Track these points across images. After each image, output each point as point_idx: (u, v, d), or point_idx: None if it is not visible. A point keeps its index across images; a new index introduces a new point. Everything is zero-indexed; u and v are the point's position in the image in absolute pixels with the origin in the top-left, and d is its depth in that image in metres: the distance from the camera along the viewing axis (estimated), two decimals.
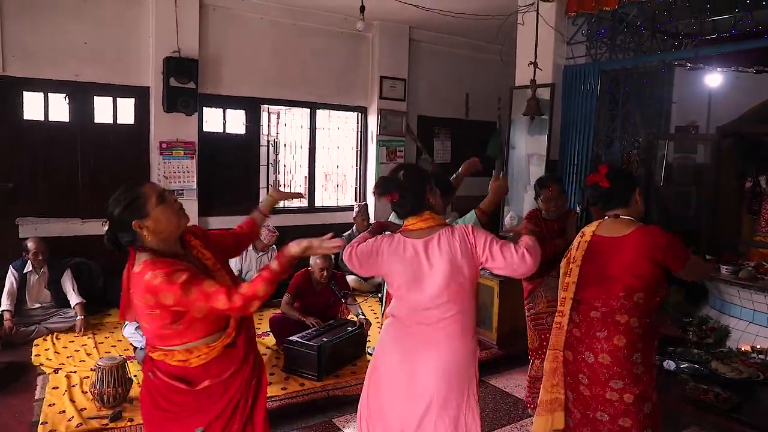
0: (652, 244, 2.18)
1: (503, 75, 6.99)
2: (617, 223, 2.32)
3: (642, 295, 2.18)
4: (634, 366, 2.16)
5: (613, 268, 2.23)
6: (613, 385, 2.16)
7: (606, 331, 2.20)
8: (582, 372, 2.25)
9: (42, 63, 5.32)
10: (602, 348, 2.19)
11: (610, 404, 2.17)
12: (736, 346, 4.59)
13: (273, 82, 6.63)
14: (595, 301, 2.26)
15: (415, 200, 2.17)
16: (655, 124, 6.62)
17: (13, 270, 4.86)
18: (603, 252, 2.28)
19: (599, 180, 2.35)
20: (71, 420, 3.34)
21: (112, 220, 1.92)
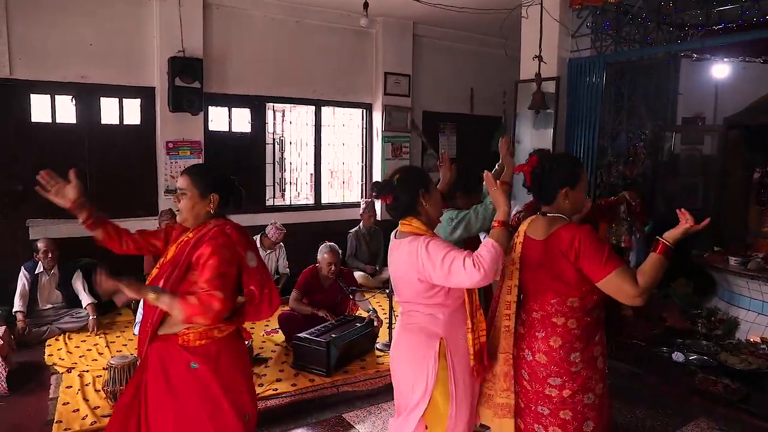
0: (567, 247, 2.05)
1: (508, 69, 6.96)
2: (543, 222, 2.20)
3: (576, 299, 2.11)
4: (571, 365, 2.13)
5: (541, 274, 2.15)
6: (551, 382, 2.15)
7: (543, 332, 2.17)
8: (523, 368, 2.24)
9: (48, 65, 5.36)
10: (539, 348, 2.17)
11: (549, 399, 2.16)
12: (745, 338, 4.59)
13: (277, 80, 6.64)
14: (533, 304, 2.21)
15: (404, 206, 2.28)
16: (661, 116, 6.60)
17: (25, 271, 4.91)
18: (532, 255, 2.18)
19: (525, 174, 2.23)
20: (85, 418, 3.38)
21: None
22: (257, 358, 4.32)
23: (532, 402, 2.22)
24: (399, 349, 2.36)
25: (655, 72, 6.24)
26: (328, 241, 4.91)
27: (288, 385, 3.93)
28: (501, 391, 2.29)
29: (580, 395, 2.14)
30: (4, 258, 5.22)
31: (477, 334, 2.26)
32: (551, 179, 2.19)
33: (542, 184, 2.21)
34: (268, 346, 4.68)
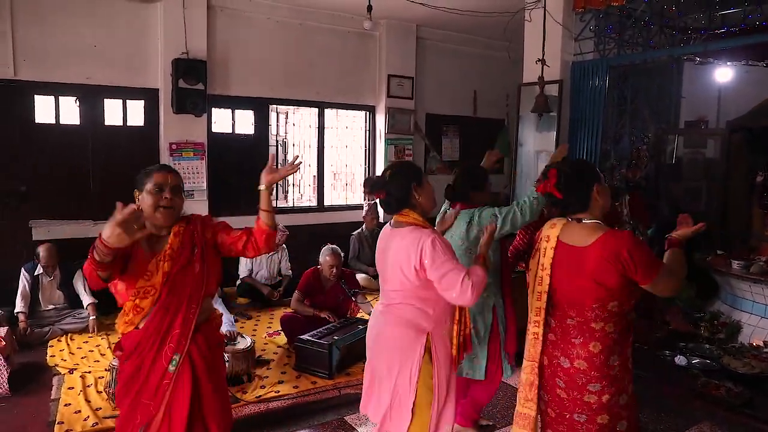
0: (614, 256, 2.04)
1: (511, 72, 6.98)
2: (580, 228, 2.17)
3: (616, 303, 2.10)
4: (610, 369, 2.12)
5: (582, 280, 2.12)
6: (590, 389, 2.12)
7: (581, 337, 2.13)
8: (558, 376, 2.19)
9: (52, 66, 5.38)
10: (578, 354, 2.13)
11: (588, 406, 2.13)
12: (748, 341, 4.57)
13: (281, 82, 6.66)
14: (569, 310, 2.17)
15: (398, 200, 2.36)
16: (664, 119, 6.60)
17: (25, 272, 4.92)
18: (570, 262, 2.16)
19: (551, 191, 2.21)
20: (87, 419, 3.39)
21: None
22: (259, 360, 4.32)
23: (567, 410, 2.17)
24: (385, 342, 2.40)
25: (657, 75, 6.24)
26: (331, 243, 4.92)
27: (290, 387, 3.92)
28: (524, 401, 2.25)
29: (616, 397, 2.13)
30: (7, 259, 5.23)
31: (462, 326, 2.33)
32: (582, 183, 2.18)
33: (576, 191, 2.18)
34: (270, 348, 4.68)
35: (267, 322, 5.38)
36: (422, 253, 2.22)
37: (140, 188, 2.27)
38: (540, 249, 2.26)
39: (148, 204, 2.23)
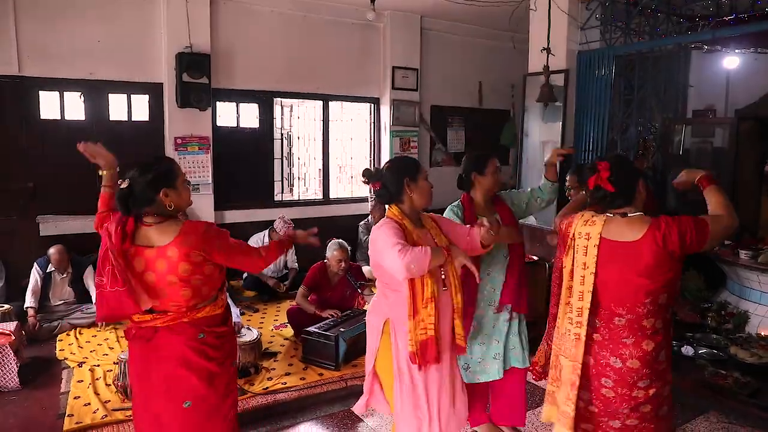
0: (668, 244, 2.04)
1: (516, 62, 6.93)
2: (626, 223, 2.14)
3: (665, 295, 2.11)
4: (660, 364, 2.14)
5: (635, 275, 2.09)
6: (640, 385, 2.13)
7: (633, 337, 2.12)
8: (605, 376, 2.18)
9: (57, 62, 5.39)
10: (631, 354, 2.12)
11: (635, 400, 2.15)
12: (756, 332, 4.55)
13: (285, 75, 6.64)
14: (617, 308, 2.15)
15: (390, 192, 2.46)
16: (671, 108, 6.54)
17: (38, 268, 4.96)
18: (618, 258, 2.13)
19: (602, 183, 2.17)
20: (96, 412, 3.42)
21: (142, 181, 2.14)
22: (266, 352, 4.35)
23: (612, 405, 2.18)
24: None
25: (664, 64, 6.18)
26: (336, 236, 4.92)
27: (297, 378, 3.94)
28: (565, 399, 2.26)
29: (661, 389, 2.16)
30: (17, 254, 5.27)
31: (419, 326, 2.29)
32: (632, 177, 2.21)
33: (626, 184, 2.18)
34: (277, 340, 4.70)
35: (273, 315, 5.40)
36: (373, 241, 2.37)
37: (172, 185, 2.20)
38: (576, 247, 2.22)
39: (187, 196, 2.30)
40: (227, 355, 2.31)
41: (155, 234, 2.13)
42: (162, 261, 2.10)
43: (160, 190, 2.14)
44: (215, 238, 2.19)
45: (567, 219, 2.35)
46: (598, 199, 2.22)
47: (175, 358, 2.19)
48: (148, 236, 2.14)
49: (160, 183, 2.15)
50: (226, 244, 2.21)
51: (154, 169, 2.17)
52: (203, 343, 2.21)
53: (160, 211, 2.17)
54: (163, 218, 2.17)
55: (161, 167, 2.21)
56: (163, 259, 2.10)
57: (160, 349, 2.19)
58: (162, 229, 2.14)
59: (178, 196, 2.19)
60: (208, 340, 2.23)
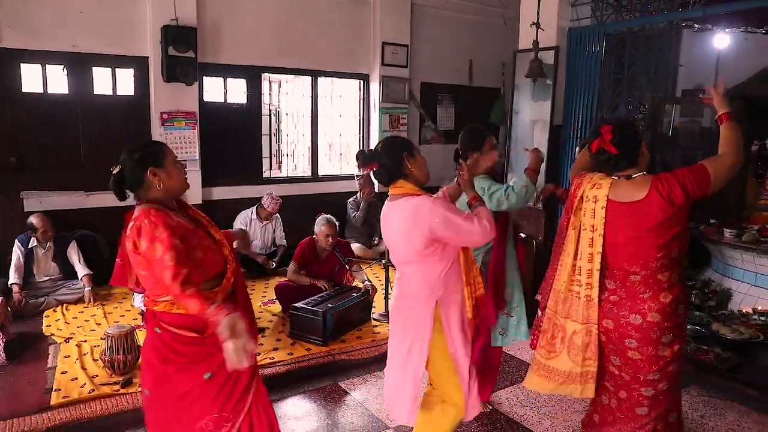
0: (672, 198, 2.11)
1: (507, 40, 6.88)
2: (631, 184, 2.21)
3: (676, 249, 2.18)
4: (679, 317, 2.20)
5: (644, 233, 2.16)
6: (664, 341, 2.19)
7: (650, 291, 2.18)
8: (629, 336, 2.22)
9: (38, 34, 5.26)
10: (650, 307, 2.17)
11: (663, 359, 2.20)
12: (738, 309, 4.63)
13: (273, 50, 6.54)
14: (631, 266, 2.21)
15: (390, 170, 2.42)
16: (661, 87, 6.53)
17: (19, 244, 4.91)
18: (626, 217, 2.19)
19: (605, 146, 2.22)
20: (84, 387, 3.42)
21: (130, 161, 2.12)
22: None
23: (641, 371, 2.22)
24: (397, 314, 2.48)
25: (655, 43, 6.15)
26: (325, 212, 4.92)
27: (285, 354, 3.96)
28: (582, 361, 2.32)
29: (683, 344, 2.24)
30: (1, 231, 5.19)
31: (474, 287, 2.39)
32: (635, 139, 2.26)
33: (629, 146, 2.24)
34: (265, 316, 4.71)
35: (262, 291, 5.40)
36: (429, 218, 2.24)
37: (160, 164, 2.13)
38: (584, 209, 2.28)
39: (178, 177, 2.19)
40: (195, 363, 2.10)
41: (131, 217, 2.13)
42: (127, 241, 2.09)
43: (147, 169, 2.10)
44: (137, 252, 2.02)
45: (576, 180, 2.40)
46: (603, 161, 2.27)
47: (144, 343, 2.24)
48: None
49: (147, 162, 2.11)
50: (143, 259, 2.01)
51: (141, 149, 2.16)
52: (160, 340, 2.11)
53: (150, 196, 2.13)
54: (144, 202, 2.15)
55: (149, 147, 2.19)
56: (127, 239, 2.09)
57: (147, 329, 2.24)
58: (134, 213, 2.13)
59: (167, 176, 2.13)
60: (165, 339, 2.10)
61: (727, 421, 3.34)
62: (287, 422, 3.26)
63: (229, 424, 2.18)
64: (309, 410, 3.45)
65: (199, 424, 2.14)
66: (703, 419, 3.36)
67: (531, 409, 3.45)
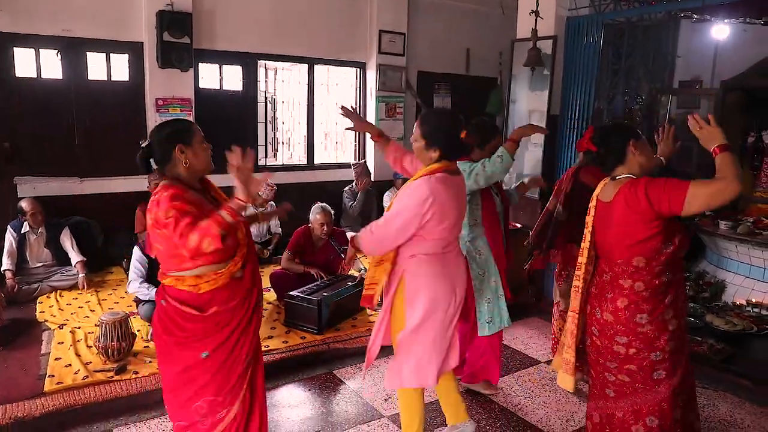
0: (635, 202, 2.08)
1: (505, 29, 6.83)
2: (612, 184, 2.27)
3: (642, 259, 2.15)
4: (638, 325, 2.19)
5: (609, 236, 2.24)
6: (618, 340, 2.24)
7: (612, 293, 2.25)
8: (594, 324, 2.34)
9: (32, 18, 5.19)
10: (606, 307, 2.25)
11: (617, 355, 2.26)
12: (731, 300, 4.65)
13: (270, 37, 6.48)
14: (604, 265, 2.32)
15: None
16: (658, 78, 6.52)
17: (11, 230, 4.87)
18: (602, 218, 2.28)
19: (587, 145, 2.35)
20: (77, 373, 3.41)
21: (159, 136, 2.17)
22: None
23: (601, 357, 2.33)
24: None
25: (653, 33, 6.13)
26: (321, 201, 4.89)
27: (279, 342, 3.96)
28: (566, 347, 2.45)
29: (646, 353, 2.20)
30: None
31: None
32: (616, 138, 2.27)
33: (609, 145, 2.28)
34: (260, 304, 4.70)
35: None
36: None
37: (188, 142, 2.18)
38: (589, 209, 2.40)
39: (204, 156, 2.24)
40: (195, 340, 2.17)
41: None
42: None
43: (176, 146, 2.13)
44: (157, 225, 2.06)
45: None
46: (591, 160, 2.41)
47: (154, 313, 2.30)
48: None
49: (176, 138, 2.15)
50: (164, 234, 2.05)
51: (171, 125, 2.22)
52: (165, 313, 2.19)
53: (175, 173, 2.17)
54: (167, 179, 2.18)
55: (178, 124, 2.24)
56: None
57: None
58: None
59: (194, 155, 2.17)
60: (169, 312, 2.17)
61: (720, 411, 3.36)
62: (282, 410, 3.26)
63: (224, 410, 2.22)
64: (303, 398, 3.45)
65: (194, 404, 2.20)
66: None
67: (525, 399, 3.46)
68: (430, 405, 3.25)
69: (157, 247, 2.15)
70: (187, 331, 2.16)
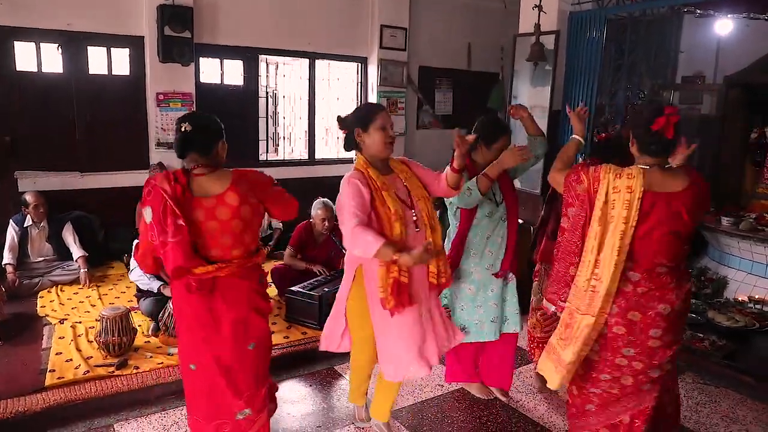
0: (705, 202, 2.22)
1: (506, 24, 6.81)
2: (668, 174, 2.18)
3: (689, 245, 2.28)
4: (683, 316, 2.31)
5: (677, 225, 2.15)
6: (680, 324, 2.27)
7: (675, 281, 2.21)
8: (655, 327, 2.21)
9: (32, 11, 5.17)
10: (678, 296, 2.21)
11: (676, 343, 2.27)
12: (734, 296, 4.64)
13: (271, 32, 6.46)
14: (658, 258, 2.18)
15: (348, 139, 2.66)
16: (661, 74, 6.49)
17: (14, 224, 4.87)
18: (663, 209, 2.14)
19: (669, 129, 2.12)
20: (78, 368, 3.41)
21: (204, 128, 2.28)
22: None
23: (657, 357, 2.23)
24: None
25: (656, 29, 6.09)
26: (322, 196, 4.88)
27: (280, 337, 3.96)
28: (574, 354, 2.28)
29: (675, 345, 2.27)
30: None
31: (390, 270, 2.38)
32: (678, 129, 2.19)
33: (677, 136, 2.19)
34: None
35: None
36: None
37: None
38: (614, 201, 2.16)
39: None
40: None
41: (210, 183, 2.22)
42: (223, 208, 2.19)
43: (219, 141, 2.27)
44: (264, 183, 2.36)
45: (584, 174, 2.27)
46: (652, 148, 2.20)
47: (244, 303, 2.30)
48: (202, 186, 2.21)
49: (220, 134, 2.30)
50: (275, 190, 2.39)
51: (213, 121, 2.31)
52: (263, 285, 2.43)
53: (210, 162, 2.25)
54: (213, 168, 2.25)
55: (219, 122, 2.34)
56: (223, 207, 2.19)
57: (227, 296, 2.25)
58: (216, 177, 2.23)
59: (224, 151, 2.34)
60: (265, 283, 2.46)
61: (722, 408, 3.36)
62: (283, 406, 3.26)
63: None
64: (304, 394, 3.45)
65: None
66: (698, 406, 3.37)
67: (527, 395, 3.46)
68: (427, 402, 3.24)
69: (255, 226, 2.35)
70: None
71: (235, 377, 2.33)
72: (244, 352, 2.33)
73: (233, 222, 2.20)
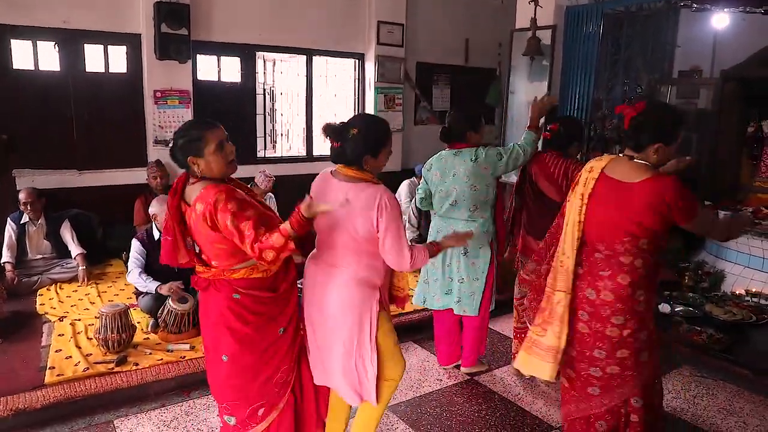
0: (662, 198, 2.08)
1: (503, 20, 6.80)
2: (631, 165, 2.18)
3: (646, 241, 2.16)
4: (636, 303, 2.18)
5: (620, 215, 2.15)
6: (614, 321, 2.19)
7: (609, 270, 2.19)
8: (582, 309, 2.25)
9: (28, 9, 5.15)
10: (605, 285, 2.19)
11: (608, 339, 2.21)
12: (731, 290, 4.66)
13: (268, 28, 6.44)
14: (597, 244, 2.23)
15: (350, 161, 2.30)
16: (657, 68, 6.48)
17: (11, 222, 4.87)
18: (610, 194, 2.18)
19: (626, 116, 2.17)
20: (78, 365, 3.41)
21: (174, 144, 2.18)
22: None
23: (587, 347, 2.25)
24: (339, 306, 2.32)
25: (653, 23, 6.09)
26: None
27: None
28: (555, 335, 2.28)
29: (638, 333, 2.21)
30: None
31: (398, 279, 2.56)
32: (649, 130, 2.15)
33: (641, 132, 2.16)
34: None
35: None
36: (379, 210, 2.20)
37: (198, 154, 2.16)
38: (580, 180, 2.29)
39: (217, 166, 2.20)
40: (270, 320, 2.27)
41: (191, 192, 2.21)
42: (194, 217, 2.16)
43: (188, 158, 2.16)
44: (221, 213, 2.08)
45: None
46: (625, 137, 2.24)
47: (216, 313, 2.27)
48: (188, 193, 2.22)
49: (186, 151, 2.16)
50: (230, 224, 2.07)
51: (180, 136, 2.18)
52: (239, 304, 2.22)
53: (197, 174, 2.19)
54: (201, 179, 2.20)
55: (187, 135, 2.17)
56: (194, 216, 2.15)
57: (209, 301, 2.30)
58: (194, 188, 2.19)
59: (207, 165, 2.16)
60: (244, 302, 2.22)
61: (719, 400, 3.38)
62: None
63: (293, 373, 2.40)
64: None
65: (276, 377, 2.33)
66: (695, 399, 3.39)
67: (525, 389, 3.48)
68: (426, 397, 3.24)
69: (218, 246, 2.17)
70: (263, 314, 2.26)
71: (211, 380, 2.41)
72: (219, 361, 2.30)
73: (201, 232, 2.17)
